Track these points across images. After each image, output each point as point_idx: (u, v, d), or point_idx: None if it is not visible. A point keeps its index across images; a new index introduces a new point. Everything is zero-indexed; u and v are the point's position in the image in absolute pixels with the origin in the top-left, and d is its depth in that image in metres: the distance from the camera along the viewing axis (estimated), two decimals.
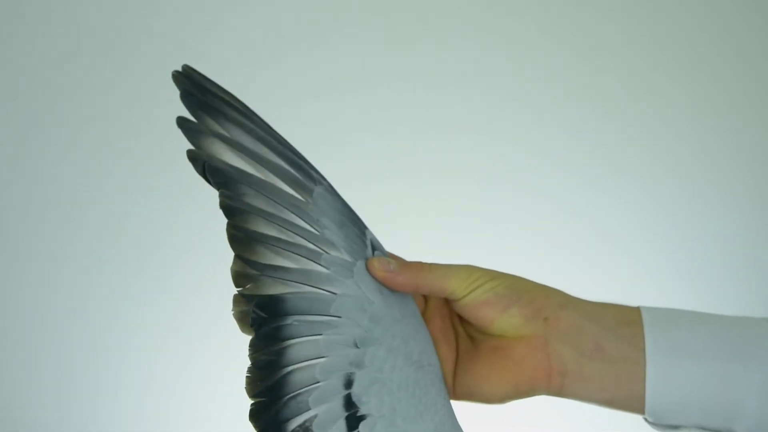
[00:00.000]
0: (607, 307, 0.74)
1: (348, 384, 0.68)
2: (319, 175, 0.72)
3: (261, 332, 0.68)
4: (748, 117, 1.70)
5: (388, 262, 0.71)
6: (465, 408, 0.75)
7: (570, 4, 1.69)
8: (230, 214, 0.69)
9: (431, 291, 0.73)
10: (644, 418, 0.73)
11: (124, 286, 1.69)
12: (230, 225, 0.69)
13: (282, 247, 0.69)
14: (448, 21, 1.69)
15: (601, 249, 1.70)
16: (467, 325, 0.76)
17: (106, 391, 1.69)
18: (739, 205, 1.70)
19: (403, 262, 0.73)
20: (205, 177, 0.69)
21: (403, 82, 1.69)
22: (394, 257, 0.74)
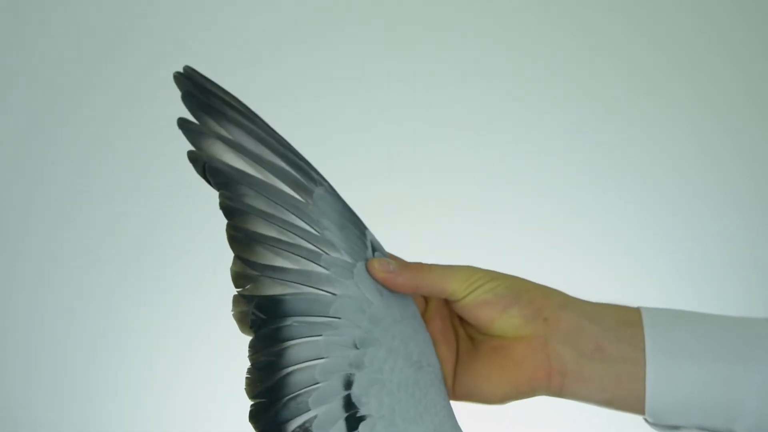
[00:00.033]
0: (607, 308, 0.74)
1: (348, 385, 0.68)
2: (319, 177, 0.72)
3: (260, 333, 0.68)
4: (748, 117, 1.70)
5: (388, 263, 0.71)
6: (465, 408, 0.75)
7: (570, 4, 1.69)
8: (230, 215, 0.69)
9: (431, 292, 0.73)
10: (644, 419, 0.73)
11: (124, 286, 1.69)
12: (230, 226, 0.69)
13: (282, 248, 0.69)
14: (448, 21, 1.69)
15: (601, 249, 1.70)
16: (467, 325, 0.75)
17: (106, 391, 1.69)
18: (739, 205, 1.70)
19: (403, 263, 0.73)
20: (206, 178, 0.69)
21: (403, 82, 1.69)
22: (394, 258, 0.74)
